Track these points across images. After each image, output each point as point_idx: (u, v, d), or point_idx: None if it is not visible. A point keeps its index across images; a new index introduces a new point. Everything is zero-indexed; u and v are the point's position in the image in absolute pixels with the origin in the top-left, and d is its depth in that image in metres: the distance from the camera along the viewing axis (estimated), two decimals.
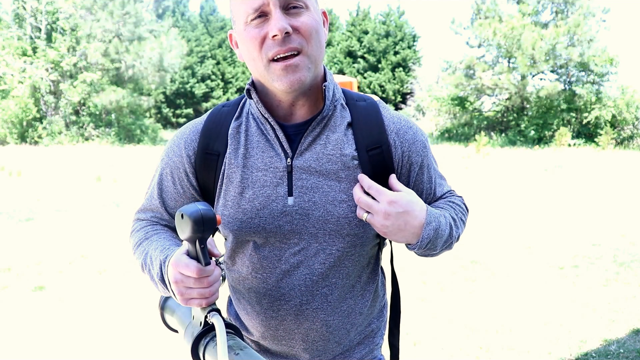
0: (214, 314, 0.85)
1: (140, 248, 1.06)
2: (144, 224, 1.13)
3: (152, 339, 3.27)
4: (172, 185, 1.08)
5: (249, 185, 1.00)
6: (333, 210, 0.99)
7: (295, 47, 0.93)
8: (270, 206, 0.99)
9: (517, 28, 22.71)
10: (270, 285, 1.03)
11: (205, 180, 1.05)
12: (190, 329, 0.90)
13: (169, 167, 1.08)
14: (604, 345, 3.17)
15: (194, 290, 0.85)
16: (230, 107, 1.09)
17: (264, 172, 1.00)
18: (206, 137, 1.05)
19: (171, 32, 25.51)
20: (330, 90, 1.02)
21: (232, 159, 1.02)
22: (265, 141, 1.02)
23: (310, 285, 1.02)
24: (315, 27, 0.95)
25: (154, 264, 0.98)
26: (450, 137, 25.29)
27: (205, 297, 0.85)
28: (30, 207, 7.68)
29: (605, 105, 21.58)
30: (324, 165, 1.00)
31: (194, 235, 0.81)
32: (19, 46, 21.87)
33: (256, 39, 0.93)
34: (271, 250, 1.02)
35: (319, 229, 0.99)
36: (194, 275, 0.83)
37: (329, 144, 1.01)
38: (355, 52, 34.00)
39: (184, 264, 0.84)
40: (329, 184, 0.99)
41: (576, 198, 8.62)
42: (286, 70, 0.93)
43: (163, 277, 0.94)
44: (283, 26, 0.90)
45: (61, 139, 21.08)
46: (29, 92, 21.14)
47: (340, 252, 1.01)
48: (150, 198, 1.12)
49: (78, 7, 22.59)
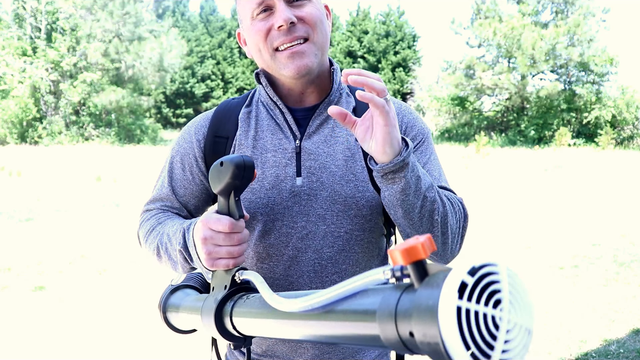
0: (244, 272, 0.79)
1: (154, 233, 1.03)
2: (153, 212, 1.10)
3: (152, 339, 3.27)
4: (181, 172, 1.08)
5: (258, 165, 1.02)
6: (340, 190, 0.99)
7: (302, 35, 0.95)
8: (279, 186, 1.00)
9: (517, 28, 22.72)
10: (277, 274, 1.02)
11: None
12: (210, 299, 0.80)
13: (179, 154, 1.09)
14: (604, 345, 3.17)
15: (223, 248, 0.82)
16: (239, 98, 1.12)
17: (273, 153, 1.02)
18: (216, 123, 1.07)
19: (171, 32, 25.55)
20: (337, 74, 1.05)
21: (243, 140, 1.04)
22: (274, 124, 1.04)
23: (319, 271, 1.01)
24: (319, 17, 0.98)
25: (172, 239, 0.94)
26: (450, 137, 25.31)
27: (234, 256, 0.82)
28: (30, 207, 7.68)
29: (605, 105, 21.60)
30: (331, 146, 1.02)
31: (232, 182, 0.78)
32: (19, 46, 21.89)
33: (262, 31, 0.96)
34: (277, 237, 1.01)
35: (326, 210, 1.00)
36: (225, 230, 0.80)
37: (336, 127, 1.03)
38: (355, 52, 34.02)
39: (216, 218, 0.82)
40: (336, 164, 1.01)
41: (576, 198, 8.62)
42: (292, 56, 0.95)
43: (186, 245, 0.90)
44: (288, 16, 0.93)
45: (61, 139, 21.10)
46: (29, 92, 21.16)
47: (348, 234, 1.01)
48: (161, 187, 1.11)
49: (78, 7, 22.61)
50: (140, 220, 1.12)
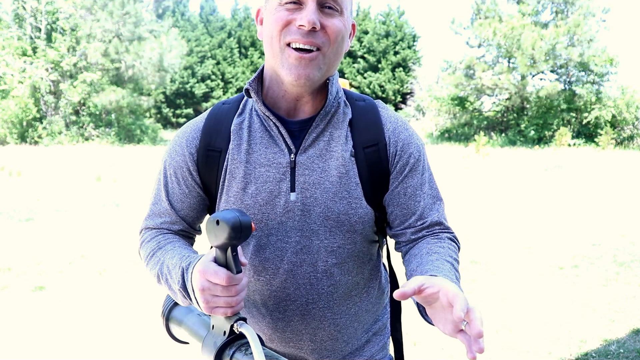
0: (242, 324, 0.83)
1: (154, 258, 1.03)
2: (154, 233, 1.09)
3: (152, 339, 3.27)
4: (177, 187, 1.07)
5: (251, 180, 1.00)
6: (333, 207, 0.99)
7: (317, 43, 0.93)
8: (273, 202, 0.99)
9: (517, 28, 22.72)
10: (274, 286, 1.03)
11: (208, 177, 1.05)
12: (210, 338, 0.87)
13: (172, 167, 1.07)
14: (604, 345, 3.17)
15: (221, 298, 0.83)
16: (231, 104, 1.08)
17: (267, 167, 1.00)
18: (208, 135, 1.04)
19: (171, 32, 25.52)
20: (333, 85, 1.02)
21: (235, 155, 1.02)
22: (268, 137, 1.02)
23: (315, 284, 1.02)
24: (342, 33, 0.96)
25: (172, 273, 0.95)
26: (450, 137, 25.31)
27: (232, 306, 0.83)
28: (30, 207, 7.68)
29: (605, 105, 21.60)
30: (326, 162, 1.00)
31: (229, 242, 0.78)
32: (19, 46, 21.87)
33: (282, 20, 0.93)
34: (273, 251, 1.01)
35: (320, 226, 1.00)
36: (223, 283, 0.81)
37: (332, 141, 1.01)
38: (355, 52, 34.02)
39: (213, 271, 0.82)
40: (330, 180, 0.99)
41: (576, 198, 8.62)
42: (299, 61, 0.93)
43: (185, 285, 0.91)
44: (313, 19, 0.90)
45: (61, 139, 21.09)
46: (29, 92, 21.14)
47: (341, 248, 1.02)
48: (158, 201, 1.10)
49: (78, 7, 22.60)
50: (141, 239, 1.12)
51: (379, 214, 1.05)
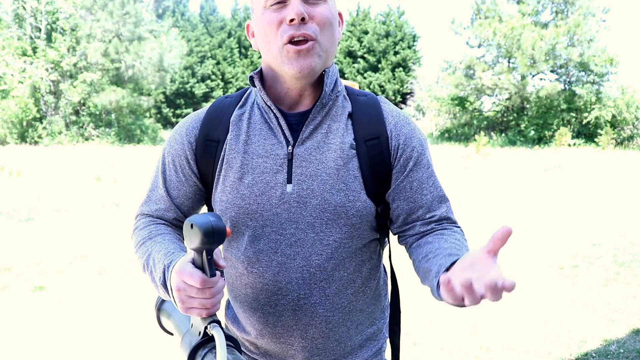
0: (214, 326, 0.84)
1: (143, 248, 1.05)
2: (148, 221, 1.12)
3: (152, 339, 3.27)
4: (174, 174, 1.09)
5: (248, 171, 1.01)
6: (330, 199, 0.99)
7: (309, 34, 0.95)
8: (269, 192, 1.00)
9: (517, 28, 22.72)
10: (267, 279, 1.02)
11: (205, 167, 1.06)
12: (188, 337, 0.89)
13: (170, 155, 1.09)
14: (604, 345, 3.17)
15: (196, 300, 0.84)
16: (233, 98, 1.10)
17: (264, 158, 1.01)
18: (207, 125, 1.06)
19: (171, 32, 25.52)
20: (329, 77, 1.03)
21: (233, 145, 1.03)
22: (267, 129, 1.03)
23: (307, 278, 1.01)
24: (330, 19, 0.98)
25: (156, 267, 0.97)
26: (450, 137, 25.31)
27: (207, 307, 0.84)
28: (30, 207, 7.68)
29: (605, 105, 21.60)
30: (324, 153, 1.00)
31: (202, 247, 0.80)
32: (19, 46, 21.88)
33: (274, 22, 0.96)
34: (267, 243, 1.01)
35: (316, 218, 0.99)
36: (197, 285, 0.82)
37: (330, 133, 1.02)
38: (355, 52, 34.01)
39: (188, 273, 0.83)
40: (328, 172, 1.00)
41: (576, 198, 8.62)
42: (298, 54, 0.95)
43: (165, 282, 0.93)
44: (300, 11, 0.93)
45: (61, 139, 21.09)
46: (29, 92, 21.15)
47: (337, 242, 1.01)
48: (155, 188, 1.12)
49: (78, 7, 22.60)
50: (135, 225, 1.14)
51: (380, 209, 1.05)
